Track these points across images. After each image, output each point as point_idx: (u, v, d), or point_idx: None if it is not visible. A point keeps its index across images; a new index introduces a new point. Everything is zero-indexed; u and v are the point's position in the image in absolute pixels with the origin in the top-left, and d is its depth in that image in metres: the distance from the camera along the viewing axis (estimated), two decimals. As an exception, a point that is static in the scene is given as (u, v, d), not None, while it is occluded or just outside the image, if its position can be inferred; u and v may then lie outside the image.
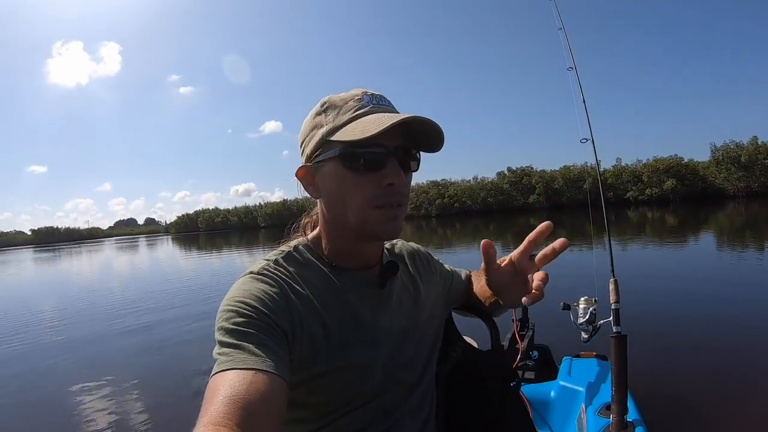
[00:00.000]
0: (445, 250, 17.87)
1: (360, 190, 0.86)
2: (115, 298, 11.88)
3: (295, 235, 1.07)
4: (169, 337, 6.87)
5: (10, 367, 5.98)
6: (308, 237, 1.01)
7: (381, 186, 0.86)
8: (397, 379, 0.96)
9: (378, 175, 0.86)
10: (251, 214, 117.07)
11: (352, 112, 0.87)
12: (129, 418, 3.92)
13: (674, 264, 10.40)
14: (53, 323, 8.96)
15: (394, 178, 0.86)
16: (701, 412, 3.23)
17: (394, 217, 0.89)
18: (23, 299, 13.88)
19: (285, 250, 0.96)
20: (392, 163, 0.86)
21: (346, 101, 0.89)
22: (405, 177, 0.89)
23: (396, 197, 0.88)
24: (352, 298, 0.94)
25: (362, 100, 0.88)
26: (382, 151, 0.85)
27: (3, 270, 30.80)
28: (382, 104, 0.90)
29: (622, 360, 2.04)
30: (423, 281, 1.10)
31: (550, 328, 3.42)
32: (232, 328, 0.75)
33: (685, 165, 59.02)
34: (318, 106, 0.92)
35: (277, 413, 0.68)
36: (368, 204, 0.86)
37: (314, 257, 0.96)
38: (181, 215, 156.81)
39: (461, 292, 1.22)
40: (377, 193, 0.86)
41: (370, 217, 0.87)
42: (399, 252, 1.13)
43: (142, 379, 4.98)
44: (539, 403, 2.41)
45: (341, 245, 0.95)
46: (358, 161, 0.85)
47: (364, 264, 0.98)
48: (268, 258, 0.94)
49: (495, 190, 72.62)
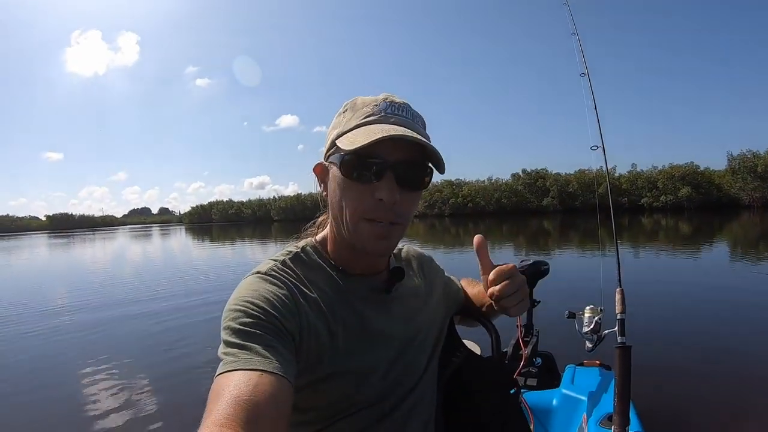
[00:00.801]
0: (457, 249, 17.87)
1: (352, 198, 0.85)
2: (127, 284, 12.00)
3: (307, 232, 1.08)
4: (181, 325, 6.95)
5: (23, 351, 6.07)
6: (317, 238, 1.01)
7: (373, 199, 0.84)
8: (399, 382, 0.95)
9: (370, 187, 0.84)
10: (265, 207, 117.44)
11: (362, 117, 0.86)
12: (137, 404, 3.97)
13: (684, 274, 10.25)
14: (65, 307, 9.07)
15: (385, 194, 0.83)
16: (703, 427, 3.21)
17: (384, 235, 0.87)
18: (40, 283, 14.07)
19: (292, 250, 0.96)
20: (388, 178, 0.84)
21: (365, 105, 0.88)
22: (402, 194, 0.86)
23: (386, 214, 0.86)
24: (358, 303, 0.94)
25: (378, 106, 0.87)
26: (379, 163, 0.83)
27: (18, 255, 31.17)
28: (398, 114, 0.88)
29: (626, 371, 2.02)
30: (426, 287, 1.11)
31: (555, 336, 3.40)
32: (239, 328, 0.75)
33: (700, 173, 58.41)
34: (343, 105, 0.93)
35: (282, 415, 0.67)
36: (358, 215, 0.86)
37: (321, 260, 0.96)
38: (195, 206, 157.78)
39: (458, 298, 1.23)
40: (368, 206, 0.85)
41: (360, 229, 0.87)
42: (405, 257, 1.14)
43: (151, 366, 5.06)
44: (541, 410, 2.40)
45: (345, 248, 0.94)
46: (354, 170, 0.84)
47: (371, 269, 0.98)
48: (275, 258, 0.93)
49: (509, 192, 72.25)
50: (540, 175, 70.01)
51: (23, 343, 6.48)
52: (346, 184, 0.85)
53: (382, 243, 0.88)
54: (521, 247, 18.56)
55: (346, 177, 0.85)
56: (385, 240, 0.88)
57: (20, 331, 7.18)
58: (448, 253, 17.01)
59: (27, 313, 8.64)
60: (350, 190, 0.85)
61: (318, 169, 0.95)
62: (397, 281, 1.01)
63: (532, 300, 2.54)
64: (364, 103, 0.89)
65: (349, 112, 0.89)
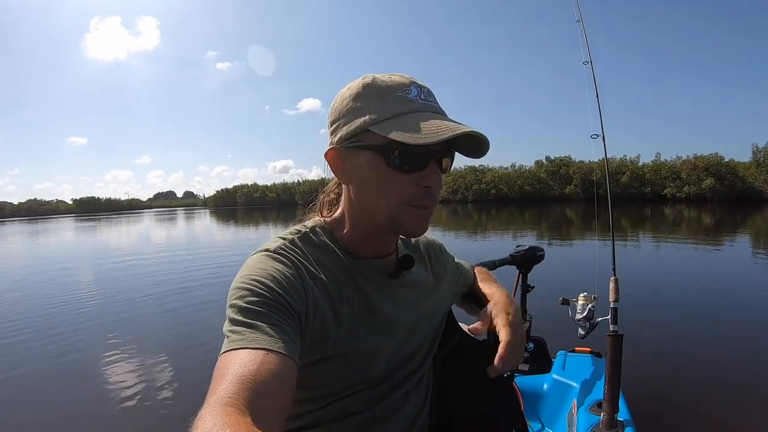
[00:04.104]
0: (479, 235, 17.81)
1: (397, 187, 0.84)
2: (155, 267, 12.24)
3: (311, 213, 1.07)
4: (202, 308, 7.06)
5: (48, 329, 6.24)
6: (326, 219, 1.00)
7: (419, 187, 0.85)
8: (399, 367, 0.97)
9: (417, 176, 0.84)
10: (289, 191, 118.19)
11: (400, 105, 0.84)
12: (153, 385, 4.09)
13: (688, 266, 10.08)
14: (91, 290, 9.34)
15: (432, 182, 0.85)
16: (691, 416, 3.22)
17: (424, 217, 0.88)
18: (75, 264, 14.32)
19: (301, 230, 0.95)
20: (432, 166, 0.85)
21: (392, 89, 0.85)
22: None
23: (431, 199, 0.87)
24: (366, 286, 0.93)
25: (410, 92, 0.86)
26: (425, 153, 0.84)
27: (55, 236, 31.91)
28: (430, 101, 0.88)
29: (617, 359, 2.03)
30: (435, 274, 1.11)
31: (548, 322, 3.40)
32: (246, 306, 0.74)
33: (724, 164, 56.86)
34: (359, 87, 0.88)
35: (286, 394, 0.67)
36: (403, 201, 0.85)
37: (330, 241, 0.95)
38: (219, 190, 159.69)
39: (466, 286, 1.22)
40: (413, 194, 0.85)
41: (402, 214, 0.86)
42: (414, 243, 1.13)
43: (169, 347, 5.18)
44: (531, 395, 2.42)
45: (361, 232, 0.94)
46: (400, 160, 0.83)
47: (380, 252, 0.98)
48: (284, 236, 0.92)
49: (532, 179, 71.73)
50: (564, 162, 69.24)
51: (47, 318, 6.69)
52: (389, 173, 0.84)
53: (422, 224, 0.89)
54: (543, 234, 18.42)
55: (388, 165, 0.83)
56: (425, 221, 0.89)
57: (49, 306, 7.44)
58: (471, 238, 16.98)
59: (59, 293, 8.93)
60: (394, 179, 0.84)
61: (331, 155, 0.90)
62: (406, 269, 1.00)
63: (527, 285, 2.56)
64: (389, 87, 0.86)
65: (375, 96, 0.85)
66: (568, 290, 2.49)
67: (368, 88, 0.87)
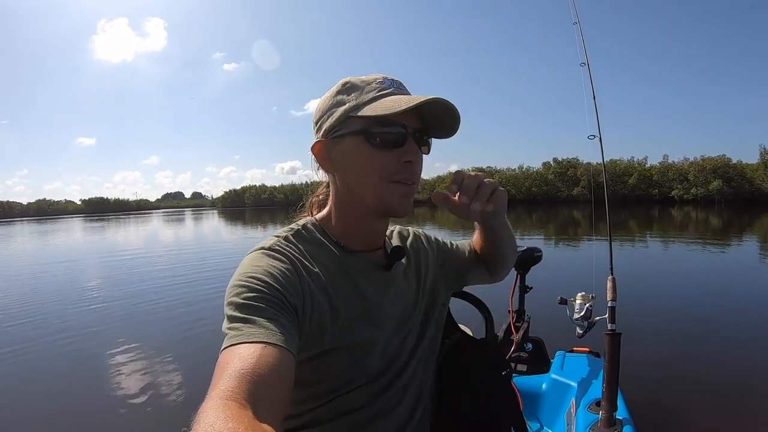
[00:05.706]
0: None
1: (379, 165, 0.89)
2: (163, 266, 12.36)
3: (302, 214, 1.11)
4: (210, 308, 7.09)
5: (55, 324, 6.35)
6: (316, 216, 1.03)
7: (400, 162, 0.89)
8: (394, 359, 0.98)
9: (397, 152, 0.89)
10: (297, 192, 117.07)
11: (375, 92, 0.90)
12: (160, 382, 4.14)
13: (688, 266, 10.04)
14: (100, 289, 9.42)
15: (412, 156, 0.90)
16: (689, 414, 3.22)
17: (408, 194, 0.92)
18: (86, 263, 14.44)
19: (294, 227, 0.98)
20: (411, 143, 0.90)
21: (368, 83, 0.92)
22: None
23: (412, 174, 0.92)
24: (359, 279, 0.96)
25: (384, 83, 0.92)
26: (402, 131, 0.89)
27: (63, 236, 32.06)
28: (403, 89, 0.94)
29: (615, 358, 2.03)
30: (423, 264, 1.12)
31: (546, 322, 3.41)
32: (243, 302, 0.76)
33: (732, 166, 56.39)
34: (339, 86, 0.94)
35: (285, 386, 0.68)
36: (386, 178, 0.90)
37: (322, 236, 0.97)
38: (228, 190, 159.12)
39: (466, 263, 1.22)
40: (396, 169, 0.90)
41: (387, 191, 0.90)
42: (401, 236, 1.16)
43: (177, 345, 5.25)
44: (530, 395, 2.42)
45: (351, 222, 0.98)
46: (380, 138, 0.89)
47: (371, 245, 1.01)
48: (278, 234, 0.95)
49: (539, 180, 71.49)
50: (571, 164, 68.88)
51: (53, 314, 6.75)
52: (371, 152, 0.89)
53: (407, 201, 0.93)
54: (551, 235, 18.38)
55: (370, 145, 0.89)
56: (409, 198, 0.93)
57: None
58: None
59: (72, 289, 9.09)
60: (377, 157, 0.89)
61: (317, 147, 0.96)
62: (397, 260, 1.04)
63: (525, 286, 2.57)
64: (365, 81, 0.92)
65: (353, 89, 0.92)
66: (566, 290, 2.50)
67: (347, 84, 0.94)
